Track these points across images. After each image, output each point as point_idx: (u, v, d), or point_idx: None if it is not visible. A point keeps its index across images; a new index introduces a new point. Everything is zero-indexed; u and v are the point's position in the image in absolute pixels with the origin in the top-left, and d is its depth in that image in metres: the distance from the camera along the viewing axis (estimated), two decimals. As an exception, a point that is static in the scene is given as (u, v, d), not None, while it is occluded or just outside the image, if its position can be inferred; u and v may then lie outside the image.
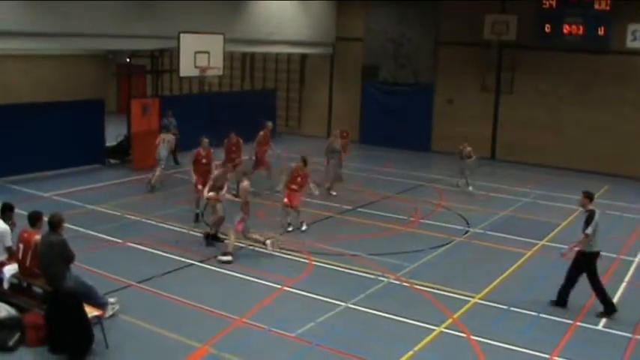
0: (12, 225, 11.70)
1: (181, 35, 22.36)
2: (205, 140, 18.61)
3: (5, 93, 30.95)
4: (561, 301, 12.87)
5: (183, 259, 14.64)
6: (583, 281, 14.35)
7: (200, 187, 17.49)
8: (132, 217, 17.84)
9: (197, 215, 17.76)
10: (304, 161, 17.57)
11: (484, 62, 29.06)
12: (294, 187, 17.34)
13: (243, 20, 26.58)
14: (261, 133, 21.89)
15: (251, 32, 27.02)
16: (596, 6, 25.87)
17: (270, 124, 22.65)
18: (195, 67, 23.45)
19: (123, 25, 21.70)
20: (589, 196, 12.82)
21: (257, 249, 15.60)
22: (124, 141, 25.08)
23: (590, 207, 12.67)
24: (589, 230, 12.39)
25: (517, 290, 13.71)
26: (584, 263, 12.61)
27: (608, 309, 12.59)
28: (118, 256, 14.83)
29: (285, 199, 17.26)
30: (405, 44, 30.76)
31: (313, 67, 34.00)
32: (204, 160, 18.30)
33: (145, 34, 22.42)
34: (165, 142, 21.45)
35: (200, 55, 23.32)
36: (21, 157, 21.02)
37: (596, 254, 12.62)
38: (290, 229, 17.14)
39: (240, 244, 15.76)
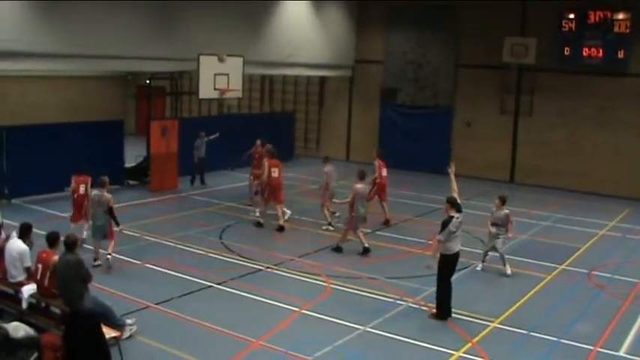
0: (30, 245, 11.74)
1: (201, 57, 22.49)
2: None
3: (26, 114, 31.35)
4: (448, 310, 13.21)
5: (202, 281, 14.61)
6: (600, 307, 14.21)
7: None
8: (150, 238, 17.88)
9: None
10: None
11: (503, 85, 28.99)
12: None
13: (263, 43, 26.69)
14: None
15: (270, 55, 27.13)
16: (616, 29, 25.89)
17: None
18: (215, 89, 23.53)
19: (143, 47, 21.85)
20: (451, 203, 13.24)
21: (275, 271, 15.60)
22: (143, 162, 25.21)
23: (452, 213, 13.02)
24: (440, 237, 12.84)
25: (537, 315, 13.56)
26: (441, 264, 13.08)
27: (444, 314, 13.09)
28: (136, 277, 14.84)
29: None
30: (424, 67, 30.80)
31: (332, 89, 34.08)
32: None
33: (164, 56, 22.57)
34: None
35: (219, 77, 23.41)
36: (40, 177, 21.17)
37: (452, 256, 13.06)
38: None
39: (259, 267, 15.79)
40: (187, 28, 23.10)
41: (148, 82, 26.10)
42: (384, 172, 20.73)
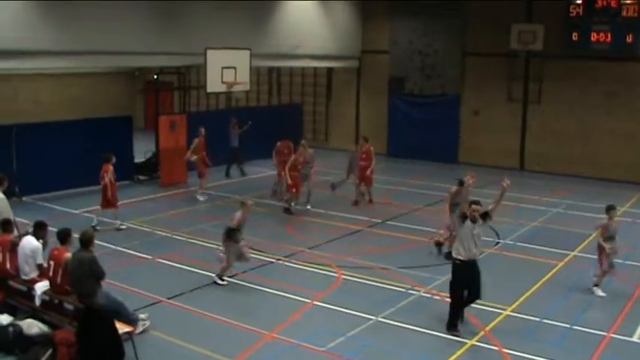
0: (44, 243, 11.77)
1: (208, 51, 22.47)
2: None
3: (36, 111, 31.42)
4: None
5: (213, 275, 14.61)
6: (612, 293, 14.16)
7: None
8: (161, 233, 17.93)
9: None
10: None
11: (511, 72, 28.87)
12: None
13: (269, 35, 26.66)
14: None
15: (277, 47, 27.08)
16: (624, 13, 25.70)
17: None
18: (222, 82, 23.53)
19: (150, 43, 21.86)
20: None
21: (286, 263, 15.63)
22: (153, 157, 25.25)
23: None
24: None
25: (549, 302, 13.56)
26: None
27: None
28: (147, 272, 14.89)
29: None
30: (431, 55, 30.69)
31: (340, 80, 34.00)
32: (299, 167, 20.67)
33: (171, 51, 22.56)
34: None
35: (227, 70, 23.40)
36: (51, 174, 21.24)
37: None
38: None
39: (270, 259, 15.81)
40: (194, 22, 23.08)
41: (155, 77, 26.11)
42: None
